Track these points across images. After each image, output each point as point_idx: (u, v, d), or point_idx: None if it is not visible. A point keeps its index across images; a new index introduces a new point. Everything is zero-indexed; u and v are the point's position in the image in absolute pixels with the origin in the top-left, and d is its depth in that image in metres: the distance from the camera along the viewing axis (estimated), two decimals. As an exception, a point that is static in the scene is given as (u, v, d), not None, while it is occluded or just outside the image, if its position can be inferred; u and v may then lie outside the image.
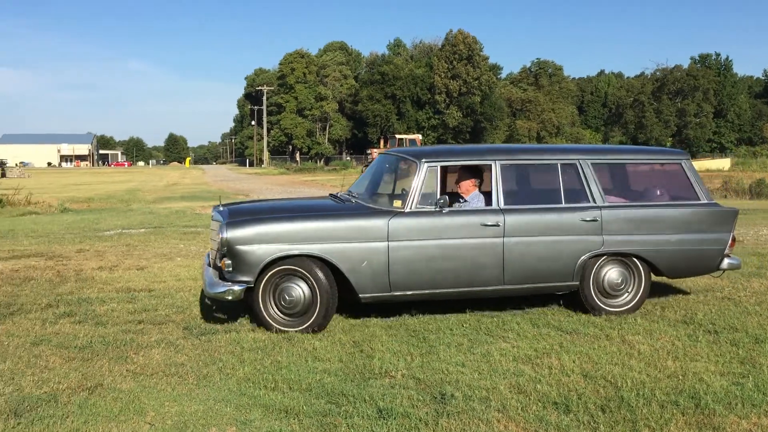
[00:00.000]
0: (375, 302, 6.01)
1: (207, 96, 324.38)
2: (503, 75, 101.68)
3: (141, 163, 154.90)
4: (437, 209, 5.93)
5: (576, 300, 6.33)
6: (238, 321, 6.02)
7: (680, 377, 4.56)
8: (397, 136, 50.32)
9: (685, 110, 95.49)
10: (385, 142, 51.63)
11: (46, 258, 9.65)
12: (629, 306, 6.32)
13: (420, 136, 53.09)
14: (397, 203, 6.01)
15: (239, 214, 6.10)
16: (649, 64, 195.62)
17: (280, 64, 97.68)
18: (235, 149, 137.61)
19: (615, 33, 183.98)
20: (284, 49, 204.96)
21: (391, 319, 6.07)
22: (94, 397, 4.22)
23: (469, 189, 6.49)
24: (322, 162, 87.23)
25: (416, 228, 5.88)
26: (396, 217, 5.87)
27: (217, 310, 6.41)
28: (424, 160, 6.10)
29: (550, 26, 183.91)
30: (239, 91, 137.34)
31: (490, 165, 6.22)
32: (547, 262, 6.10)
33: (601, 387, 4.38)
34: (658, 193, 6.70)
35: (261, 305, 5.72)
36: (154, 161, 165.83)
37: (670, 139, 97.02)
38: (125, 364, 4.85)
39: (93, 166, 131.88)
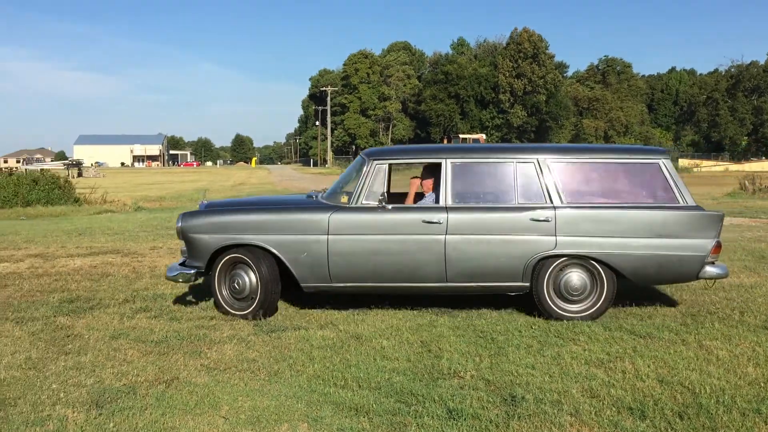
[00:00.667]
0: (317, 292, 6.34)
1: (273, 97, 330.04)
2: (569, 73, 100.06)
3: (209, 163, 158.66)
4: (380, 206, 6.11)
5: (644, 303, 6.16)
6: (307, 319, 6.10)
7: (762, 384, 4.38)
8: (461, 135, 50.09)
9: (761, 108, 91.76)
10: (449, 142, 51.46)
11: (122, 255, 9.99)
12: (589, 312, 6.03)
13: (483, 136, 52.72)
14: (344, 199, 6.27)
15: (211, 206, 6.73)
16: (723, 60, 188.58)
17: (344, 64, 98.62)
18: (300, 149, 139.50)
19: (687, 29, 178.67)
20: (348, 50, 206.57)
21: (459, 319, 6.04)
22: (171, 390, 4.34)
23: (429, 188, 6.58)
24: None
25: (357, 223, 6.10)
26: (337, 212, 6.15)
27: (287, 308, 6.51)
28: (373, 158, 6.35)
29: (618, 23, 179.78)
30: (304, 92, 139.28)
31: (440, 164, 6.26)
32: (492, 262, 6.02)
33: (678, 393, 4.25)
34: (630, 194, 6.26)
35: (216, 289, 6.26)
36: (222, 161, 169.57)
37: (746, 138, 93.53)
38: (199, 358, 4.98)
39: (163, 166, 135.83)
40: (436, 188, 6.40)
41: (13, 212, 18.15)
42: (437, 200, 6.24)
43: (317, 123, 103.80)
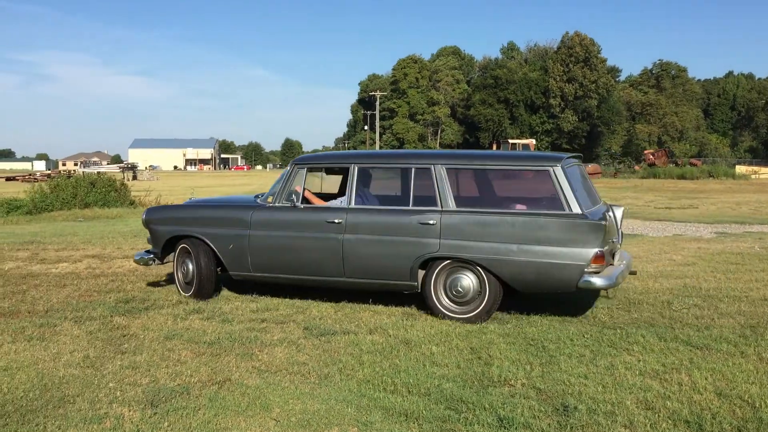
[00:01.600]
0: (243, 279, 7.20)
1: (322, 102, 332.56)
2: (622, 77, 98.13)
3: (259, 167, 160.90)
4: (293, 205, 6.79)
5: (701, 313, 5.99)
6: (356, 323, 6.12)
7: (827, 401, 4.22)
8: (510, 140, 49.59)
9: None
10: (498, 147, 51.07)
11: (175, 256, 10.18)
12: (472, 314, 6.14)
13: (533, 141, 52.14)
14: (270, 199, 7.00)
15: (190, 203, 8.23)
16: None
17: (393, 69, 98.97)
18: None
19: (744, 31, 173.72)
20: (397, 54, 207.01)
21: (509, 326, 5.98)
22: (223, 391, 4.41)
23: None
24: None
25: (272, 220, 6.86)
26: (258, 210, 6.98)
27: (336, 311, 6.55)
28: (295, 163, 7.12)
29: (673, 26, 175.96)
30: (353, 97, 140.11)
31: (348, 168, 6.74)
32: (383, 261, 6.39)
33: (737, 407, 4.12)
34: (516, 200, 6.47)
35: (175, 273, 7.36)
36: (271, 165, 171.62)
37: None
38: (251, 360, 5.04)
39: (215, 169, 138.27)
40: (346, 191, 6.80)
41: (71, 214, 18.69)
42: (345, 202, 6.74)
43: (366, 127, 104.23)
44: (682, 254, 10.20)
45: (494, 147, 53.20)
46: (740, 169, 49.41)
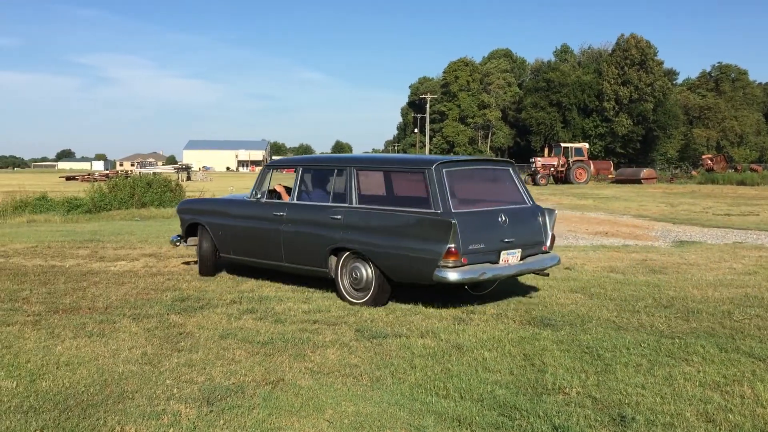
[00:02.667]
0: (228, 260, 8.66)
1: (372, 104, 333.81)
2: (679, 80, 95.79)
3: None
4: (256, 200, 8.13)
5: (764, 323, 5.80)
6: (408, 327, 6.11)
7: None
8: (563, 144, 48.72)
9: None
10: (550, 151, 50.38)
11: (228, 257, 10.35)
12: (365, 299, 6.93)
13: (587, 145, 51.11)
14: (250, 195, 8.30)
15: (204, 198, 11.37)
16: None
17: (444, 72, 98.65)
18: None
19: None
20: (448, 57, 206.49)
21: (563, 333, 5.89)
22: (277, 391, 4.45)
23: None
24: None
25: (243, 213, 8.32)
26: (238, 204, 8.58)
27: (388, 314, 6.56)
28: (266, 165, 8.68)
29: (733, 27, 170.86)
30: (403, 99, 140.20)
31: (295, 169, 7.97)
32: (307, 249, 7.42)
33: (803, 423, 3.97)
34: (398, 198, 7.54)
35: (196, 250, 8.90)
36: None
37: None
38: (303, 361, 5.08)
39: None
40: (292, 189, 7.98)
41: (128, 213, 19.19)
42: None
43: (416, 130, 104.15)
44: (743, 262, 9.90)
45: (546, 151, 52.35)
46: (803, 175, 47.62)
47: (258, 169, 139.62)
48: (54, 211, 19.59)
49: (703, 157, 59.06)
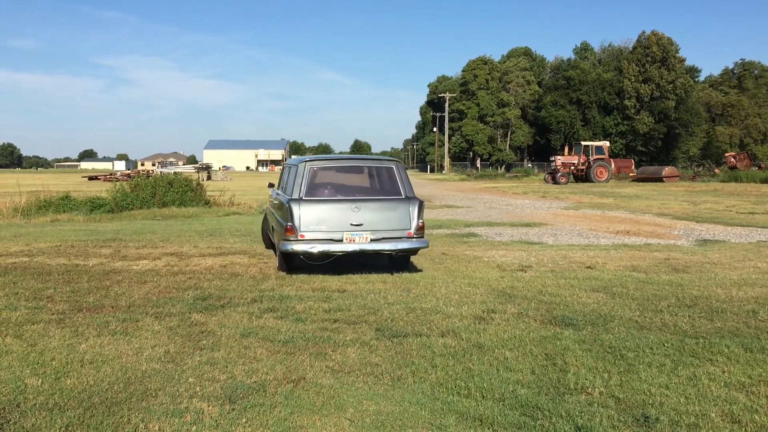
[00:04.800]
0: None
1: (391, 103, 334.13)
2: (702, 78, 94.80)
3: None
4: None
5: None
6: (428, 326, 6.10)
7: None
8: (583, 143, 48.36)
9: None
10: (570, 149, 50.04)
11: (249, 256, 10.41)
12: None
13: (607, 143, 50.66)
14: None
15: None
16: None
17: (462, 71, 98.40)
18: (417, 155, 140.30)
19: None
20: (467, 56, 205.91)
21: (584, 332, 5.85)
22: (298, 389, 4.46)
23: None
24: (503, 169, 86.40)
25: (270, 200, 11.03)
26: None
27: (408, 313, 6.55)
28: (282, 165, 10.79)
29: (757, 23, 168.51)
30: (422, 99, 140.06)
31: (282, 168, 10.58)
32: (276, 229, 9.25)
33: (831, 424, 3.90)
34: (286, 187, 9.54)
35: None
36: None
37: None
38: (324, 360, 5.09)
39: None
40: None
41: (150, 213, 19.34)
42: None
43: (435, 129, 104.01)
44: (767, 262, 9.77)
45: (566, 149, 52.00)
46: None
47: (277, 168, 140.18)
48: (77, 210, 19.80)
49: (726, 154, 58.30)
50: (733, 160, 52.69)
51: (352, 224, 8.34)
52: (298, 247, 8.18)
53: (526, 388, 4.50)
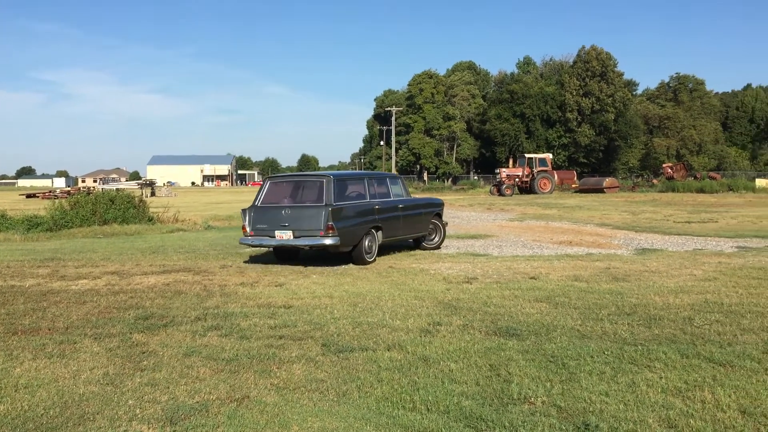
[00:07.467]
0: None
1: (338, 117, 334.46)
2: (639, 91, 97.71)
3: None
4: None
5: (723, 329, 5.89)
6: (374, 340, 6.10)
7: None
8: (527, 155, 49.33)
9: None
10: (514, 162, 50.90)
11: (193, 273, 10.24)
12: None
13: (550, 155, 51.79)
14: None
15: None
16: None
17: (408, 84, 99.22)
18: (365, 168, 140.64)
19: (763, 44, 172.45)
20: (413, 70, 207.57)
21: (528, 342, 5.93)
22: (242, 408, 4.40)
23: None
24: (449, 181, 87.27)
25: None
26: None
27: (354, 328, 6.53)
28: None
29: (690, 39, 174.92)
30: (369, 112, 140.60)
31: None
32: None
33: (762, 425, 4.04)
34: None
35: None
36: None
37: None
38: (269, 377, 5.03)
39: (232, 185, 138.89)
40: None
41: (90, 230, 18.85)
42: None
43: (382, 143, 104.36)
44: (703, 269, 10.10)
45: (510, 161, 52.97)
46: (760, 182, 48.84)
47: (223, 183, 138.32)
48: (13, 229, 19.17)
49: (664, 165, 60.24)
50: (670, 170, 54.45)
51: (281, 224, 10.96)
52: (249, 241, 11.34)
53: (471, 400, 4.54)
